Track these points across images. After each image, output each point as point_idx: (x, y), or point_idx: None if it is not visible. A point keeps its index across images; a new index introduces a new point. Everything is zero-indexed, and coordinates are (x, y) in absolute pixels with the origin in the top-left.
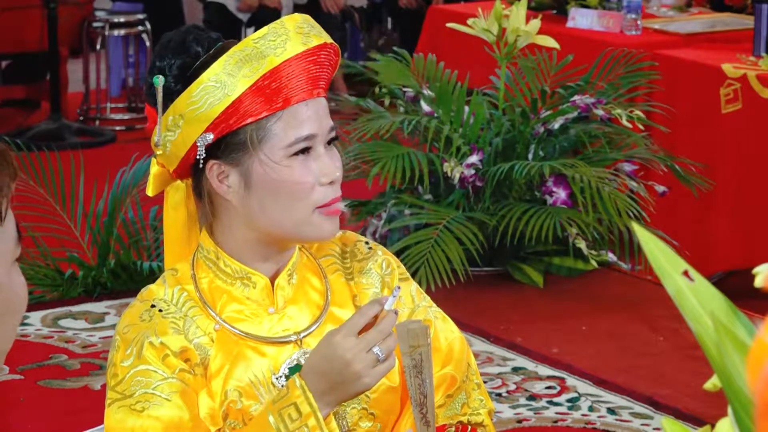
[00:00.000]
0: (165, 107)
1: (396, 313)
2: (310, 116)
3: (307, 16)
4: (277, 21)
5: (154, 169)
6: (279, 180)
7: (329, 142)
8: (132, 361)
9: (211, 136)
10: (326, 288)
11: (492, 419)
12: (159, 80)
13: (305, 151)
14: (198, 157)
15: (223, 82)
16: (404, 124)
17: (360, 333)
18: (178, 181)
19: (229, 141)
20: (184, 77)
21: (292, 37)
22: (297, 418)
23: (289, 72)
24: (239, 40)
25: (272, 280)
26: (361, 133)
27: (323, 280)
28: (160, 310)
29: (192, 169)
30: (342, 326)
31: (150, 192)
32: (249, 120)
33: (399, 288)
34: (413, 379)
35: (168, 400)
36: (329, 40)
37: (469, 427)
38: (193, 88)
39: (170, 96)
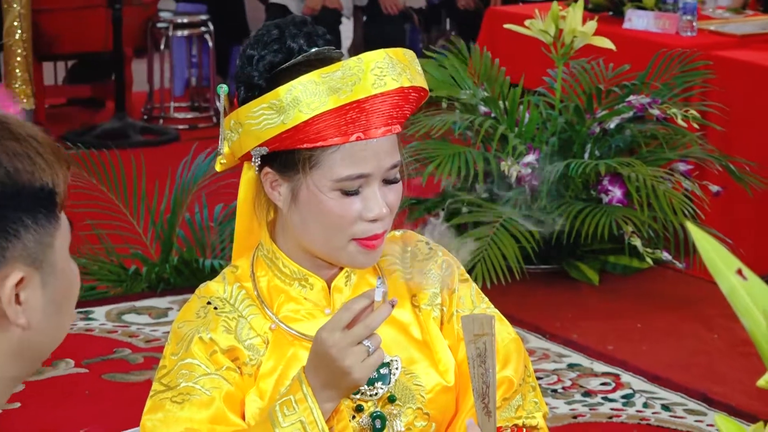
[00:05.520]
0: (248, 98)
1: (393, 305)
2: (367, 156)
3: (397, 53)
4: (357, 57)
5: (226, 149)
6: (322, 208)
7: (390, 181)
8: (180, 354)
9: (266, 150)
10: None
11: (546, 422)
12: (222, 89)
13: (355, 191)
14: (253, 163)
15: (281, 108)
16: (458, 125)
17: (349, 327)
18: None
19: (284, 157)
20: (268, 74)
21: (363, 78)
22: (293, 411)
23: (352, 111)
24: (335, 47)
25: (330, 281)
26: (416, 130)
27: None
28: (215, 308)
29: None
30: (328, 322)
31: (218, 168)
32: (304, 145)
33: (380, 278)
34: (476, 369)
35: (207, 395)
36: (409, 83)
37: (524, 429)
38: (254, 104)
39: (251, 88)
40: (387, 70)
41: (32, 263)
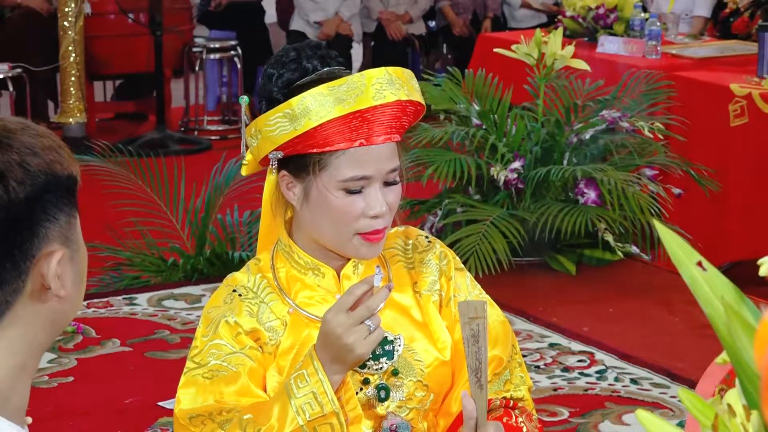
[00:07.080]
0: (269, 108)
1: (390, 289)
2: (369, 160)
3: (396, 71)
4: (360, 73)
5: (249, 156)
6: (329, 205)
7: (390, 183)
8: (210, 336)
9: (281, 154)
10: (388, 276)
11: (530, 394)
12: (243, 100)
13: (359, 190)
14: (270, 166)
15: (294, 117)
16: (454, 135)
17: (353, 309)
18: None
19: (297, 161)
20: (286, 89)
21: (365, 91)
22: (306, 383)
23: (356, 120)
24: (345, 67)
25: (339, 270)
26: (418, 140)
27: (386, 269)
28: (240, 295)
29: None
30: (333, 305)
31: (243, 172)
32: (314, 150)
33: (379, 267)
34: (471, 347)
35: (234, 371)
36: (407, 97)
37: (512, 401)
38: (271, 114)
39: (271, 102)
40: (386, 85)
41: (65, 242)
